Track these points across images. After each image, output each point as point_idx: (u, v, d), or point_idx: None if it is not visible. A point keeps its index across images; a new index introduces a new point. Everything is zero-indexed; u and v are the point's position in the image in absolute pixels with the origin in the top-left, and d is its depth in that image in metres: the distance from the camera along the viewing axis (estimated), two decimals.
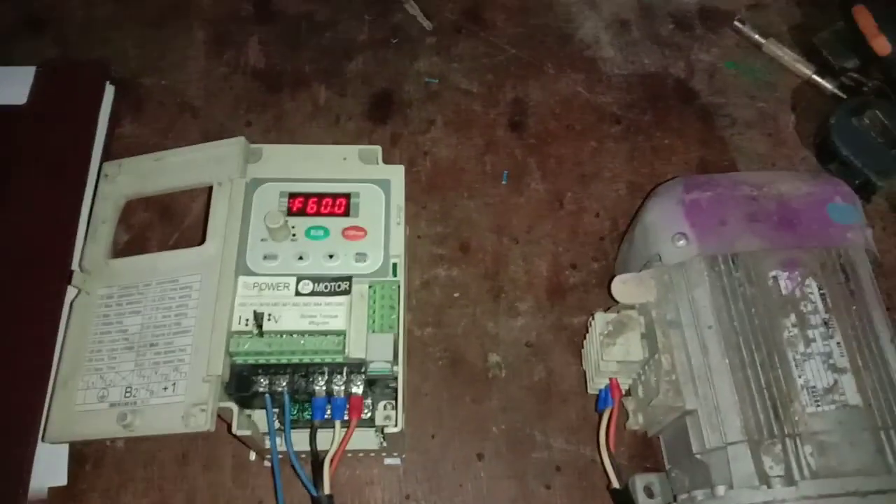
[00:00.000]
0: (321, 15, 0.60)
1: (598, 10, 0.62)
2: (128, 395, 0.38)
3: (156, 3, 0.60)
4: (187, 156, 0.44)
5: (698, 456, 0.38)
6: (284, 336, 0.38)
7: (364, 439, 0.41)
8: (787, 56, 0.59)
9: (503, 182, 0.54)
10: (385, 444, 0.41)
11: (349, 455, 0.42)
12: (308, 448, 0.38)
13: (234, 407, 0.36)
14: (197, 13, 0.60)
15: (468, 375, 0.48)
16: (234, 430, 0.36)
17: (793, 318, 0.38)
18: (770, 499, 0.34)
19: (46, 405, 0.43)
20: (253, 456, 0.44)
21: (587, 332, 0.45)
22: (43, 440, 0.38)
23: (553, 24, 0.61)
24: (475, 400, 0.47)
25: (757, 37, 0.60)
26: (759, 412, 0.36)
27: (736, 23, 0.61)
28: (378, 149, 0.43)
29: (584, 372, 0.46)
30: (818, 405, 0.36)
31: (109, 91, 0.55)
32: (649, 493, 0.43)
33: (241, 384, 0.37)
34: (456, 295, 0.50)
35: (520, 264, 0.51)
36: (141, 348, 0.39)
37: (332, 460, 0.37)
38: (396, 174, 0.42)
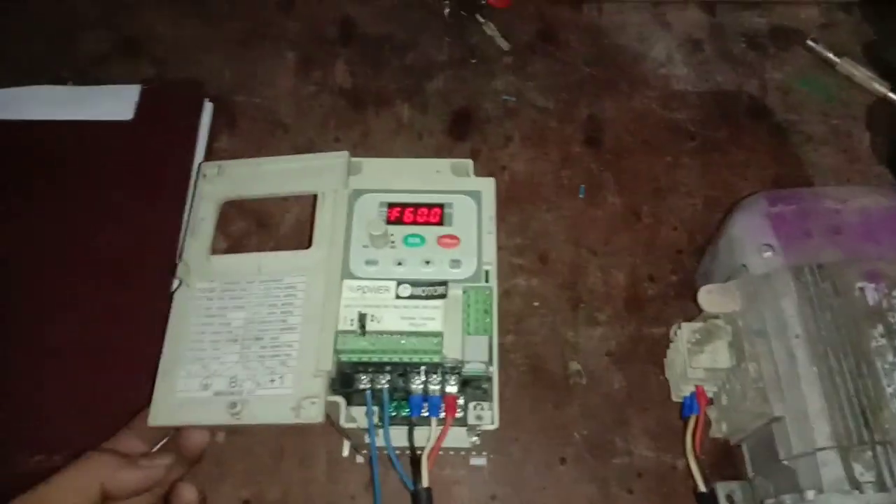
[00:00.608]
0: (402, 37, 0.63)
1: (669, 30, 0.64)
2: (233, 385, 0.39)
3: (242, 26, 0.64)
4: (288, 165, 0.46)
5: (785, 462, 0.39)
6: (385, 336, 0.40)
7: (456, 437, 0.43)
8: (861, 74, 0.60)
9: (580, 196, 0.56)
10: (477, 442, 0.42)
11: (440, 453, 0.43)
12: (402, 444, 0.40)
13: (342, 401, 0.38)
14: (284, 35, 0.63)
15: (549, 382, 0.49)
16: (342, 422, 0.38)
17: (880, 328, 0.39)
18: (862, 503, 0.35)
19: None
20: (346, 452, 0.46)
21: (671, 341, 0.46)
22: (138, 425, 0.40)
23: (625, 44, 0.63)
24: (556, 406, 0.48)
25: (830, 55, 0.61)
26: (849, 419, 0.37)
27: (809, 42, 0.62)
28: (469, 162, 0.45)
29: (666, 381, 0.47)
30: None
31: (208, 108, 0.58)
32: (731, 501, 0.44)
33: (345, 381, 0.39)
34: (535, 304, 0.52)
35: (598, 275, 0.53)
36: (246, 341, 0.40)
37: (429, 455, 0.39)
38: (488, 186, 0.45)
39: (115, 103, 0.58)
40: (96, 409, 0.47)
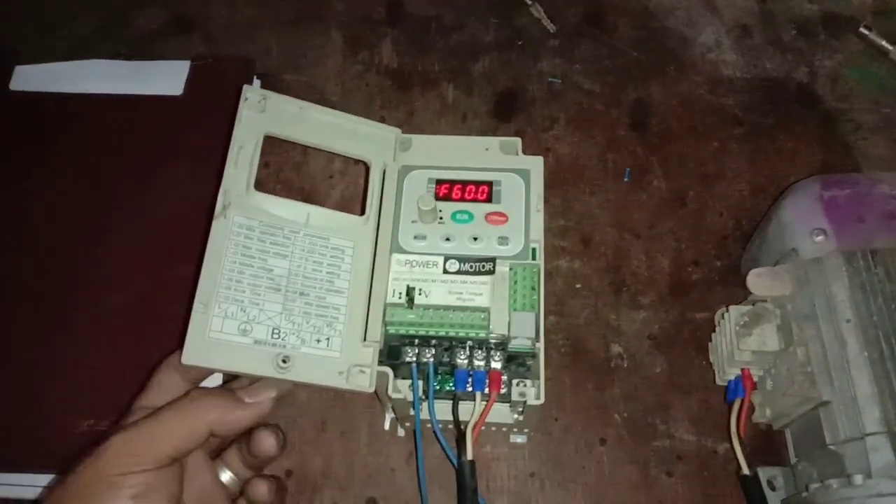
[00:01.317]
0: (448, 18, 0.63)
1: (719, 15, 0.63)
2: (275, 336, 0.38)
3: (293, 6, 0.64)
4: (336, 120, 0.46)
5: (832, 447, 0.38)
6: (433, 310, 0.40)
7: (499, 413, 0.43)
8: None
9: (625, 179, 0.55)
10: (520, 418, 0.43)
11: (482, 428, 0.44)
12: (447, 418, 0.40)
13: (390, 372, 0.39)
14: (332, 15, 0.64)
15: (590, 364, 0.49)
16: (389, 392, 0.39)
17: None
18: None
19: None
20: (387, 425, 0.47)
21: (715, 325, 0.46)
22: (180, 363, 0.37)
23: (674, 28, 0.62)
24: (597, 387, 0.49)
25: (884, 43, 0.60)
26: None
27: (862, 29, 0.61)
28: (518, 140, 0.45)
29: (709, 366, 0.47)
30: None
31: (256, 85, 0.59)
32: (772, 486, 0.44)
33: (392, 353, 0.40)
34: (578, 286, 0.52)
35: (641, 259, 0.52)
36: (290, 294, 0.40)
37: (474, 428, 0.39)
38: (536, 165, 0.45)
39: (166, 78, 0.59)
40: (144, 375, 0.48)
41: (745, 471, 0.41)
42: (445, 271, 0.41)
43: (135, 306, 0.51)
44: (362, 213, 0.43)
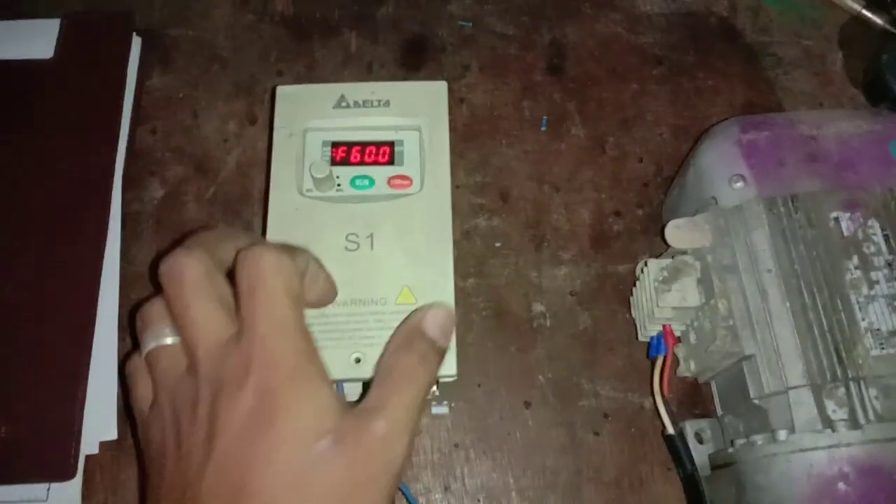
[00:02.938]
0: None
1: None
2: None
3: None
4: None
5: (756, 401, 0.37)
6: None
7: None
8: None
9: (542, 128, 0.52)
10: (437, 392, 0.41)
11: None
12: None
13: None
14: None
15: (513, 325, 0.47)
16: None
17: (855, 260, 0.37)
18: (835, 442, 0.34)
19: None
20: None
21: (636, 279, 0.44)
22: None
23: None
24: (520, 349, 0.46)
25: None
26: (822, 356, 0.36)
27: None
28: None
29: (632, 320, 0.45)
30: (883, 348, 0.35)
31: (137, 42, 0.53)
32: (700, 440, 0.43)
33: None
34: (497, 245, 0.49)
35: (562, 213, 0.50)
36: None
37: None
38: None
39: (33, 39, 0.52)
40: (34, 371, 0.44)
41: (670, 430, 0.40)
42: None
43: (19, 294, 0.46)
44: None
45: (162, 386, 0.30)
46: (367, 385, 0.37)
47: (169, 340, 0.31)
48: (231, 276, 0.31)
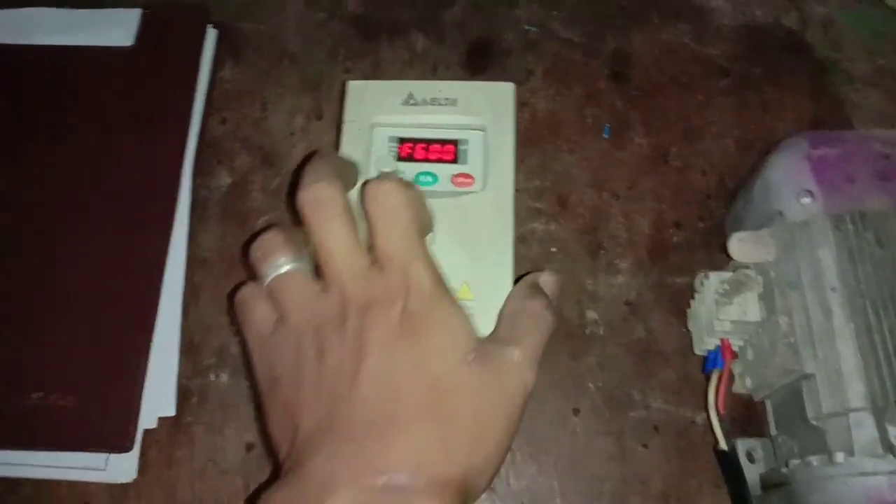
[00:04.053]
0: None
1: None
2: None
3: None
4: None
5: (814, 422, 0.37)
6: None
7: None
8: None
9: (605, 136, 0.52)
10: None
11: None
12: None
13: None
14: None
15: (565, 331, 0.47)
16: None
17: None
18: (895, 468, 0.33)
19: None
20: None
21: (695, 291, 0.43)
22: None
23: None
24: (572, 356, 0.46)
25: None
26: (886, 379, 0.35)
27: None
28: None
29: (688, 333, 0.45)
30: None
31: (211, 35, 0.55)
32: (751, 458, 0.42)
33: None
34: (553, 250, 0.49)
35: (620, 221, 0.50)
36: None
37: None
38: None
39: (114, 28, 0.54)
40: (95, 349, 0.46)
41: (722, 445, 0.40)
42: None
43: (90, 273, 0.47)
44: None
45: (296, 307, 0.32)
46: None
47: (296, 266, 0.33)
48: None
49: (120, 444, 0.43)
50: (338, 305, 0.31)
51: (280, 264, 0.33)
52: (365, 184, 0.32)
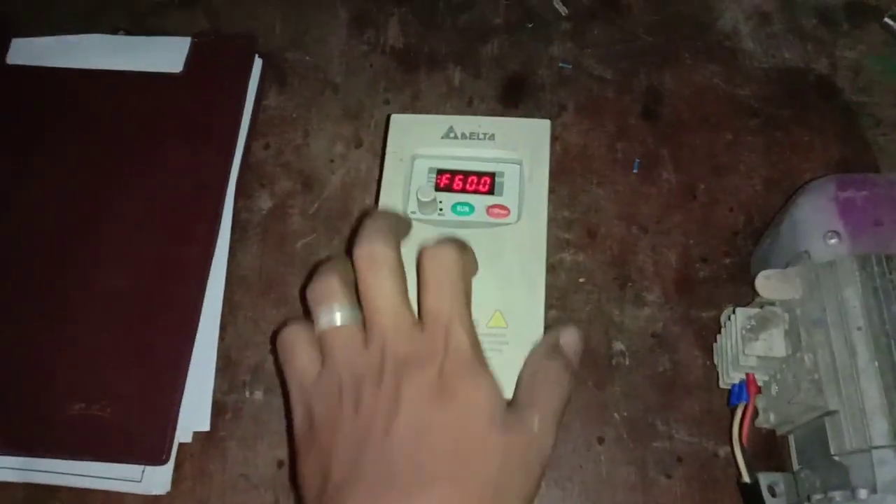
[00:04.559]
0: None
1: (738, 1, 0.61)
2: None
3: None
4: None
5: (837, 458, 0.37)
6: None
7: None
8: None
9: (634, 170, 0.54)
10: None
11: None
12: None
13: None
14: None
15: (591, 360, 0.48)
16: None
17: None
18: None
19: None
20: None
21: (721, 325, 0.44)
22: None
23: (690, 14, 0.60)
24: (597, 385, 0.47)
25: None
26: None
27: (886, 19, 0.58)
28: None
29: (713, 366, 0.46)
30: None
31: (258, 64, 0.57)
32: (773, 493, 0.43)
33: None
34: (581, 280, 0.50)
35: (648, 254, 0.51)
36: None
37: None
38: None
39: (165, 55, 0.57)
40: (140, 359, 0.47)
41: (746, 478, 0.40)
42: None
43: (133, 288, 0.50)
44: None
45: (341, 359, 0.34)
46: None
47: (350, 317, 0.35)
48: None
49: (156, 456, 0.45)
50: (378, 360, 0.33)
51: (335, 314, 0.35)
52: (425, 248, 0.35)
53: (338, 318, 0.34)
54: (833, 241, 0.39)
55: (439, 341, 0.33)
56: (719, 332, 0.45)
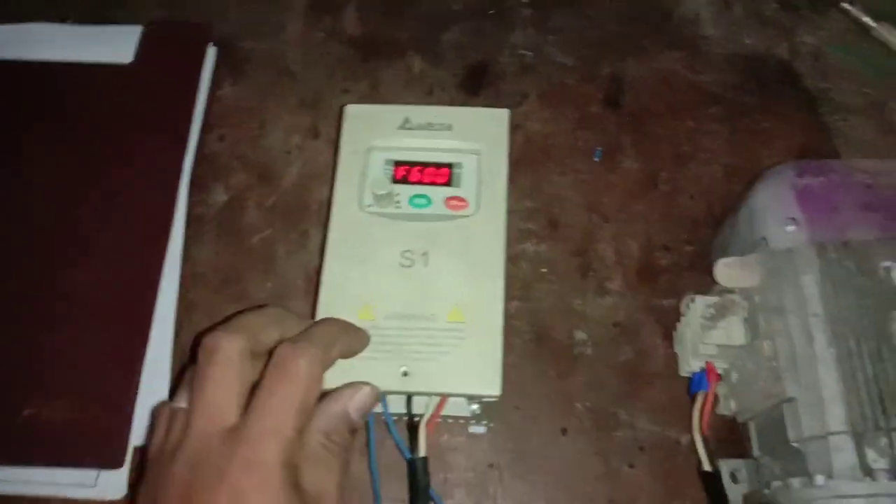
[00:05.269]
0: None
1: None
2: None
3: None
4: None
5: (795, 444, 0.37)
6: None
7: (456, 406, 0.41)
8: None
9: (596, 159, 0.53)
10: (478, 411, 0.41)
11: (439, 420, 0.42)
12: (401, 411, 0.39)
13: None
14: None
15: (553, 351, 0.48)
16: None
17: None
18: (874, 492, 0.33)
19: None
20: None
21: (681, 314, 0.44)
22: None
23: (653, 1, 0.60)
24: (560, 375, 0.47)
25: (867, 19, 0.58)
26: (865, 404, 0.35)
27: (844, 4, 0.59)
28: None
29: (675, 354, 0.46)
30: None
31: (211, 52, 0.56)
32: (734, 479, 0.43)
33: None
34: (543, 270, 0.50)
35: (610, 243, 0.51)
36: None
37: (427, 424, 0.38)
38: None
39: (114, 44, 0.55)
40: (93, 360, 0.46)
41: (706, 467, 0.40)
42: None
43: (84, 287, 0.48)
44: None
45: (160, 448, 0.33)
46: (410, 398, 0.38)
47: (183, 405, 0.33)
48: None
49: (111, 460, 0.43)
50: (177, 463, 0.31)
51: (181, 398, 0.34)
52: (278, 346, 0.33)
53: (179, 401, 0.34)
54: (791, 228, 0.39)
55: (240, 454, 0.30)
56: (679, 321, 0.45)
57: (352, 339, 0.36)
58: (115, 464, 0.43)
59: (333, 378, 0.35)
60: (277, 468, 0.30)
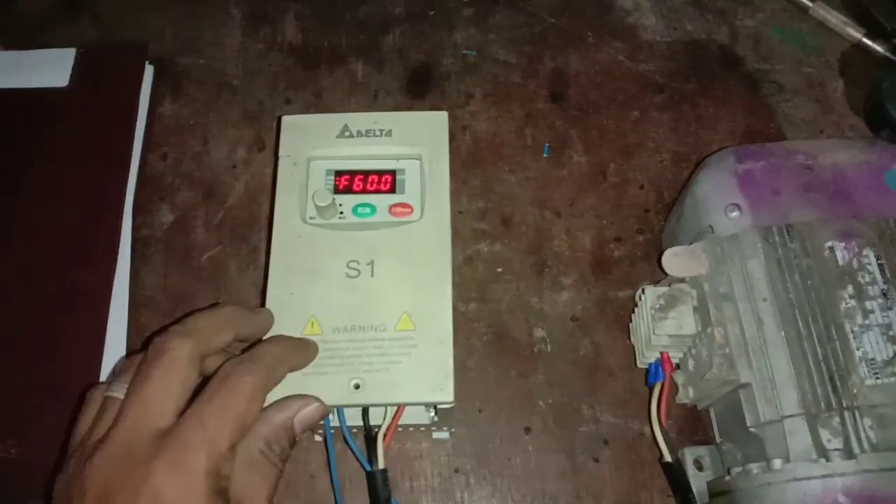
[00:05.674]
0: None
1: None
2: None
3: None
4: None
5: (752, 429, 0.38)
6: None
7: (415, 414, 0.41)
8: (835, 19, 0.57)
9: (544, 155, 0.53)
10: (436, 418, 0.41)
11: (399, 430, 0.42)
12: (359, 423, 0.38)
13: None
14: None
15: (513, 350, 0.48)
16: None
17: (850, 289, 0.38)
18: (829, 472, 0.34)
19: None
20: None
21: (635, 305, 0.44)
22: None
23: None
24: (521, 374, 0.47)
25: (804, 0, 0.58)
26: (817, 385, 0.36)
27: None
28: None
29: (632, 346, 0.46)
30: (877, 377, 0.36)
31: (149, 71, 0.55)
32: (699, 466, 0.43)
33: None
34: (499, 270, 0.50)
35: (563, 238, 0.51)
36: None
37: (385, 435, 0.37)
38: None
39: (49, 69, 0.54)
40: (44, 394, 0.45)
41: (667, 458, 0.40)
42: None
43: (30, 319, 0.47)
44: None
45: (85, 437, 0.32)
46: (366, 410, 0.38)
47: (120, 396, 0.32)
48: None
49: None
50: (100, 460, 0.30)
51: (117, 387, 0.33)
52: (230, 361, 0.33)
53: (115, 390, 0.33)
54: (734, 213, 0.40)
55: (164, 460, 0.29)
56: (634, 312, 0.45)
57: (299, 357, 0.36)
58: None
59: (283, 392, 0.35)
60: (203, 476, 0.29)
